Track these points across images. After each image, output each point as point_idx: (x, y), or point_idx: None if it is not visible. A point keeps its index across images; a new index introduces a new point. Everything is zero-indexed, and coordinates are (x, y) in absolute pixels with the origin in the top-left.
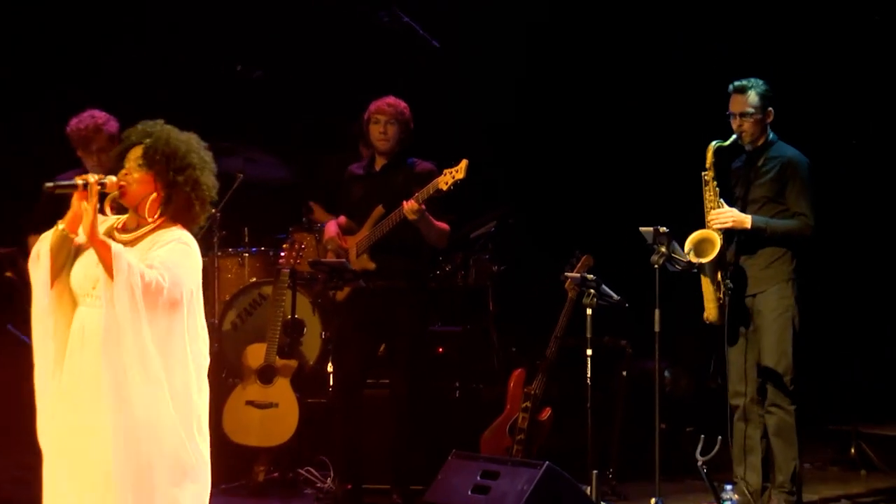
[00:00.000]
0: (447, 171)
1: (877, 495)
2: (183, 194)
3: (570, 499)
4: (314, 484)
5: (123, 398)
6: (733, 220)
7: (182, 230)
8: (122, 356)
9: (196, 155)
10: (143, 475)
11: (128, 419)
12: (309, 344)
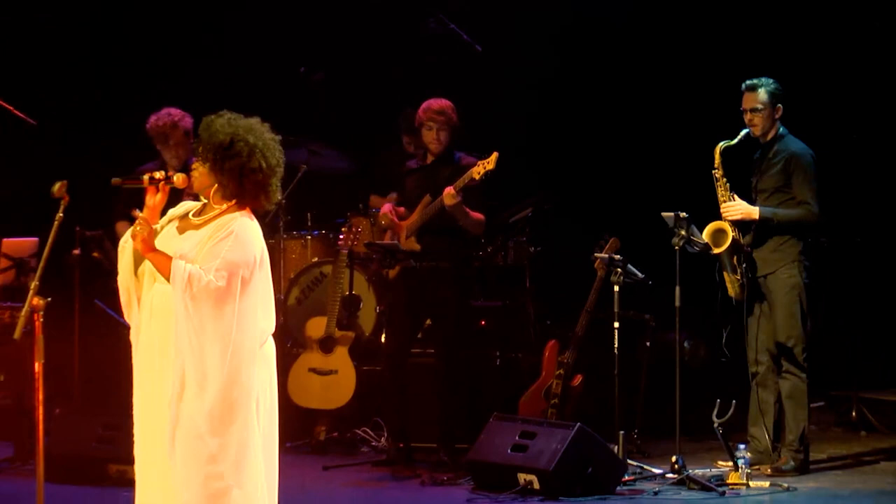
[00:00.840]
0: (480, 162)
1: (876, 454)
2: (233, 182)
3: (599, 456)
4: (369, 443)
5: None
6: (742, 212)
7: (244, 216)
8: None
9: (243, 143)
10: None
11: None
12: (365, 317)
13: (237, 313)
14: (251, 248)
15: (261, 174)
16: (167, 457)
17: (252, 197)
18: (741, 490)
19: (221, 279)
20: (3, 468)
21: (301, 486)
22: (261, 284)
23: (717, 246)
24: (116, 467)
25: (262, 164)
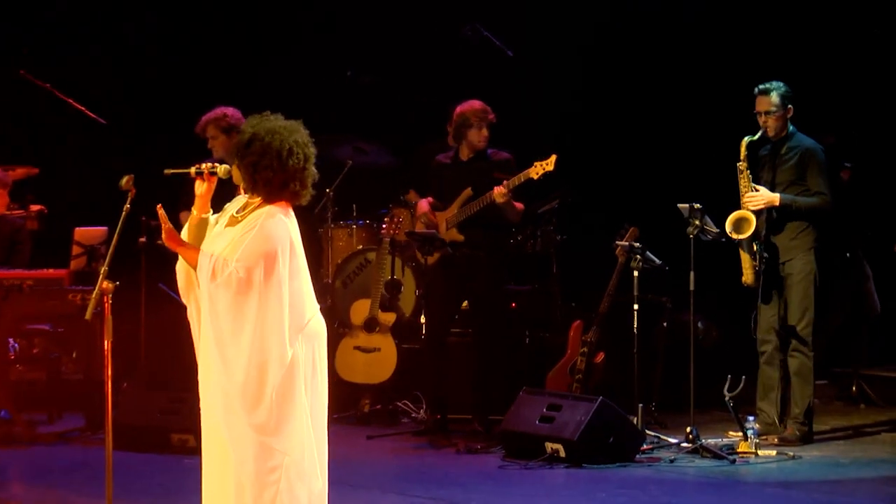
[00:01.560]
0: (538, 163)
1: (875, 426)
2: (247, 177)
3: (619, 427)
4: (409, 414)
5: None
6: (765, 200)
7: (272, 211)
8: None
9: (259, 142)
10: (229, 407)
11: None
12: (405, 299)
13: (260, 301)
14: (272, 242)
15: (271, 172)
16: (228, 425)
17: (266, 193)
18: (750, 458)
19: (242, 270)
20: (75, 437)
21: (346, 455)
22: (292, 272)
23: (740, 233)
24: (178, 436)
25: (273, 164)
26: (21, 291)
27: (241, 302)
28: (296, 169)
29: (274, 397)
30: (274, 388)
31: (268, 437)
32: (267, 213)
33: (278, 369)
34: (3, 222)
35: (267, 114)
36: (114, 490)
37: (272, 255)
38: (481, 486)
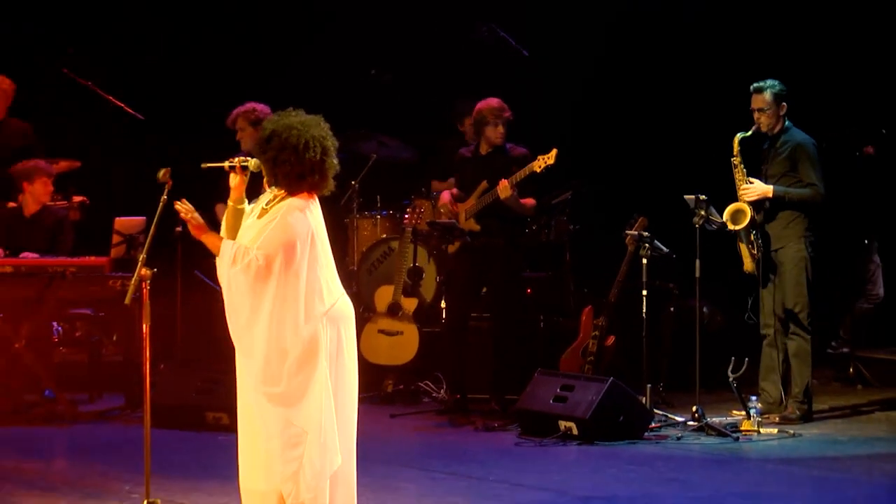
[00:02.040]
0: (541, 157)
1: (870, 405)
2: (268, 171)
3: (629, 406)
4: (431, 394)
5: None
6: (759, 192)
7: (296, 201)
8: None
9: (277, 138)
10: (252, 387)
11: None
12: (427, 286)
13: (277, 288)
14: (291, 233)
15: (289, 166)
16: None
17: (287, 185)
18: (753, 436)
19: (261, 258)
20: (115, 416)
21: (371, 432)
22: (312, 260)
23: (735, 223)
24: (213, 414)
25: (291, 158)
26: (64, 278)
27: (260, 288)
28: (313, 162)
29: (291, 376)
30: (290, 368)
31: (288, 414)
32: (288, 206)
33: (294, 351)
34: (47, 212)
35: (289, 110)
36: (151, 466)
37: (291, 245)
38: (498, 462)
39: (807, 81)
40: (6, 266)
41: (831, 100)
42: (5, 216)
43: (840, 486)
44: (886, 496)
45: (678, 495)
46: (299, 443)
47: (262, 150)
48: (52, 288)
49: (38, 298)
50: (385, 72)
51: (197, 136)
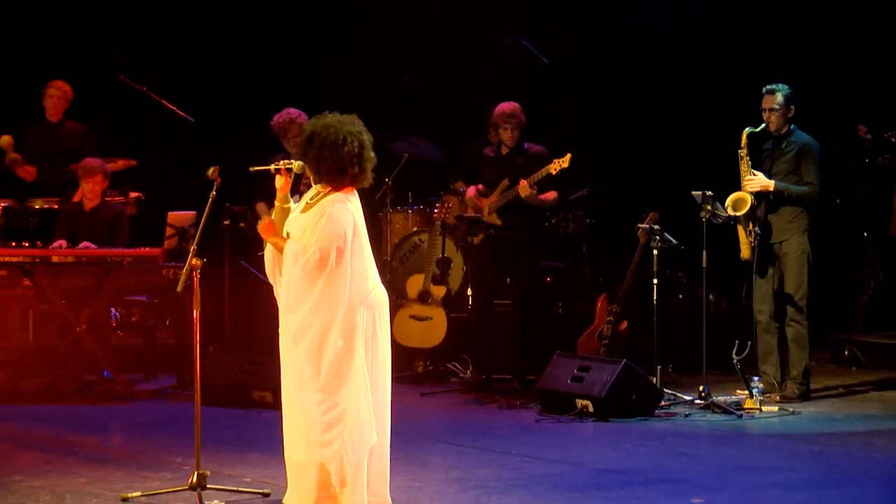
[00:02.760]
0: (556, 160)
1: (865, 385)
2: (313, 167)
3: (641, 386)
4: (458, 374)
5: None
6: (761, 185)
7: (339, 195)
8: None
9: (318, 137)
10: (300, 369)
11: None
12: (454, 275)
13: (329, 278)
14: (340, 226)
15: (330, 161)
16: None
17: (330, 180)
18: (755, 413)
19: (317, 253)
20: (167, 394)
21: (403, 409)
22: (356, 250)
23: (737, 210)
24: (258, 393)
25: (332, 154)
26: (121, 267)
27: (316, 280)
28: (351, 155)
29: (335, 360)
30: (335, 352)
31: (331, 395)
32: (333, 200)
33: (339, 336)
34: (106, 207)
35: (325, 113)
36: (201, 440)
37: (341, 238)
38: (520, 437)
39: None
40: (69, 256)
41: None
42: (67, 210)
43: (837, 460)
44: (881, 470)
45: (686, 468)
46: (341, 421)
47: (304, 150)
48: (110, 276)
49: (98, 286)
50: (415, 78)
51: (242, 137)
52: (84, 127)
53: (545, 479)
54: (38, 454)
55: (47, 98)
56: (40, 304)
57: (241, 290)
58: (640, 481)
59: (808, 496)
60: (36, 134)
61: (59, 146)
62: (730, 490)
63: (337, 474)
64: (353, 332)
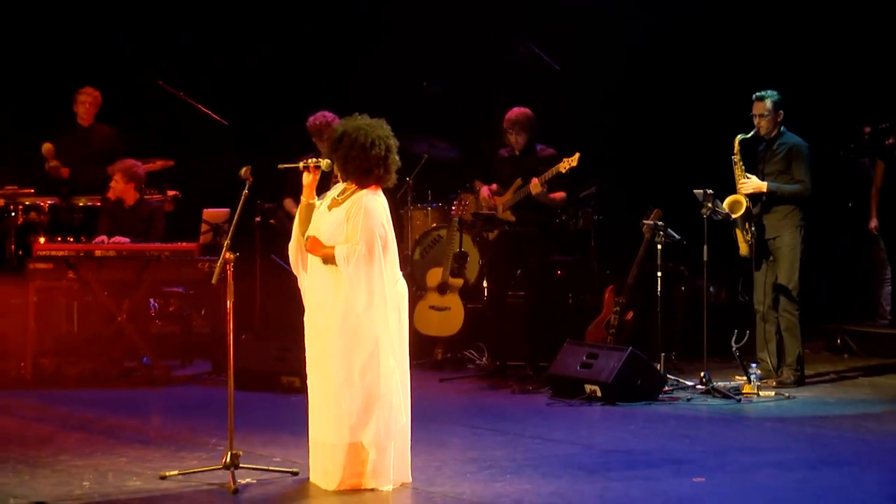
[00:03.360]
0: (565, 159)
1: (855, 372)
2: (341, 165)
3: (645, 372)
4: (474, 361)
5: (347, 300)
6: (754, 187)
7: (369, 194)
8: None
9: (348, 137)
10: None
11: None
12: (471, 268)
13: (377, 268)
14: (379, 219)
15: (358, 161)
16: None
17: (356, 178)
18: (753, 398)
19: (364, 249)
20: (203, 379)
21: (423, 394)
22: (389, 242)
23: (734, 212)
24: (287, 378)
25: (360, 154)
26: (159, 261)
27: (363, 272)
28: (378, 157)
29: (372, 348)
30: (372, 340)
31: (370, 379)
32: (366, 196)
33: (378, 324)
34: (144, 204)
35: (356, 115)
36: (234, 422)
37: (382, 228)
38: (533, 419)
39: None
40: (110, 250)
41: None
42: (108, 208)
43: (829, 442)
44: (871, 451)
45: (688, 449)
46: (376, 405)
47: (334, 148)
48: (149, 269)
49: (138, 279)
50: (435, 83)
51: (273, 139)
52: (114, 129)
53: (556, 459)
54: (82, 435)
55: (79, 104)
56: (84, 296)
57: (271, 281)
58: (645, 461)
59: (802, 475)
60: (70, 139)
61: (91, 148)
62: (728, 469)
63: (374, 454)
64: (388, 320)
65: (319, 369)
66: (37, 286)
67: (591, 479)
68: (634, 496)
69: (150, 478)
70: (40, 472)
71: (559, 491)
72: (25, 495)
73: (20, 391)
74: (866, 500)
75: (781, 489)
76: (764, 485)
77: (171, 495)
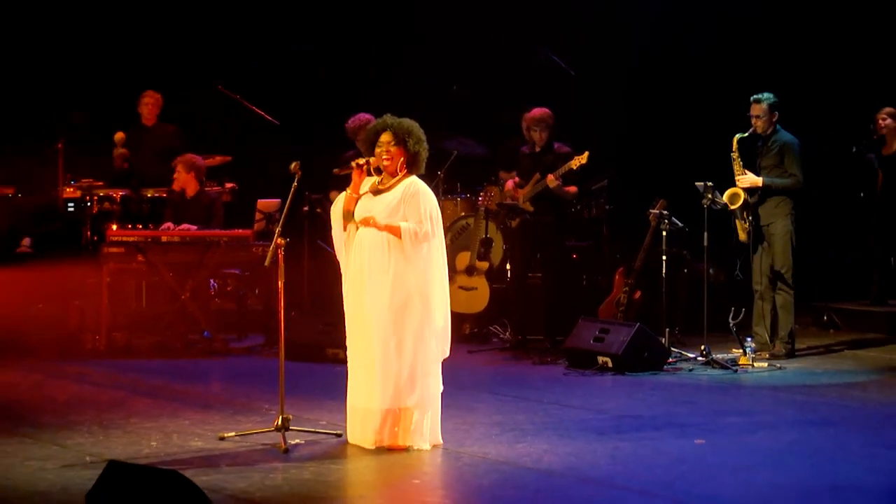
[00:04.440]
0: (576, 157)
1: (840, 345)
2: (412, 156)
3: (652, 346)
4: (498, 335)
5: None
6: (751, 181)
7: (414, 178)
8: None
9: (418, 133)
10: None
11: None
12: (496, 252)
13: (437, 244)
14: (433, 199)
15: (421, 153)
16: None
17: (419, 166)
18: (748, 368)
19: (427, 226)
20: (257, 351)
21: (453, 365)
22: (437, 224)
23: (732, 204)
24: (331, 350)
25: (419, 149)
26: (218, 246)
27: (420, 249)
28: (424, 150)
29: (420, 321)
30: (420, 314)
31: (412, 350)
32: (417, 181)
33: (426, 299)
34: (204, 195)
35: (386, 116)
36: (285, 389)
37: (437, 208)
38: (551, 387)
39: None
40: (175, 236)
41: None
42: (172, 198)
43: (817, 408)
44: (855, 415)
45: (690, 413)
46: (419, 373)
47: (411, 143)
48: (209, 253)
49: (199, 261)
50: (464, 88)
51: (319, 136)
52: (174, 128)
53: (572, 422)
54: (149, 401)
55: (142, 105)
56: (152, 277)
57: (317, 264)
58: (652, 425)
59: (793, 437)
60: (134, 136)
61: (154, 145)
62: (726, 432)
63: (416, 416)
64: (437, 296)
65: (361, 342)
66: (110, 268)
67: (603, 440)
68: (642, 455)
69: (210, 438)
70: (113, 433)
71: (575, 451)
72: (100, 454)
73: (95, 361)
74: (849, 459)
75: (774, 450)
76: (758, 446)
77: (229, 454)
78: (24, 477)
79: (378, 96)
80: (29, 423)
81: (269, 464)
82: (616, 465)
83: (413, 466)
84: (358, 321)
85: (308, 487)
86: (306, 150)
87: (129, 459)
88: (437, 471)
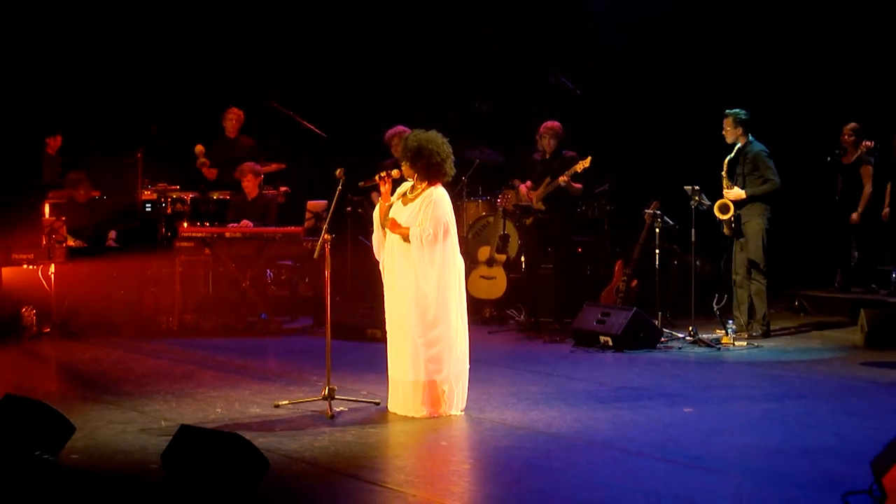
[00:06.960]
0: (581, 162)
1: (809, 327)
2: (423, 171)
3: (647, 326)
4: (514, 318)
5: (418, 273)
6: (735, 195)
7: (437, 189)
8: (417, 264)
9: (426, 149)
10: (425, 314)
11: (419, 284)
12: (512, 246)
13: (443, 249)
14: (445, 209)
15: (435, 166)
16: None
17: (434, 178)
18: (729, 346)
19: (432, 231)
20: (307, 331)
21: (475, 343)
22: (451, 227)
23: (723, 213)
24: (371, 330)
25: (436, 160)
26: (274, 241)
27: (432, 250)
28: (444, 161)
29: (444, 307)
30: (444, 301)
31: (439, 331)
32: (435, 192)
33: (447, 289)
34: (262, 197)
35: (418, 130)
36: (331, 364)
37: (447, 216)
38: (560, 363)
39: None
40: (237, 232)
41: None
42: (235, 200)
43: (789, 381)
44: (821, 388)
45: (679, 385)
46: (445, 351)
47: (414, 158)
48: (266, 247)
49: (258, 254)
50: (485, 104)
51: (360, 145)
52: (253, 141)
53: (578, 393)
54: (215, 373)
55: (226, 120)
56: (217, 267)
57: (359, 257)
58: (646, 395)
59: (768, 406)
60: (219, 146)
61: (235, 155)
62: (711, 401)
63: (447, 388)
64: (452, 287)
65: (397, 325)
66: (182, 260)
67: (605, 408)
68: (638, 421)
69: (267, 406)
70: (184, 401)
71: (580, 417)
72: (173, 418)
73: (169, 339)
74: (818, 426)
75: (752, 416)
76: (738, 413)
77: (283, 419)
78: (108, 438)
79: (413, 110)
80: (112, 392)
81: (318, 428)
82: (616, 430)
83: (441, 430)
84: (394, 307)
85: (350, 448)
86: (350, 158)
87: (197, 424)
88: (462, 434)
